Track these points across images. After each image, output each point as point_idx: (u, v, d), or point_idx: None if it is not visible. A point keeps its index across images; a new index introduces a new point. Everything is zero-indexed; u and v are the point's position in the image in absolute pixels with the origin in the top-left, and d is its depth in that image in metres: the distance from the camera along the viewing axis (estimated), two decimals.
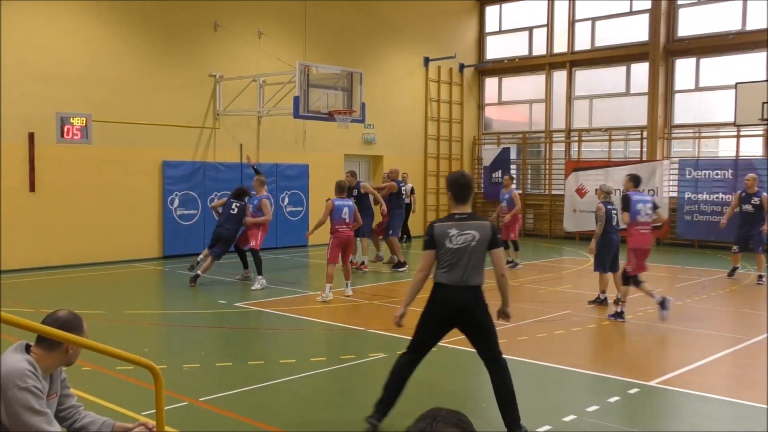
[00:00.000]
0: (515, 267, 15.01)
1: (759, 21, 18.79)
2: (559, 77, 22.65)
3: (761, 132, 18.84)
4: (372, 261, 15.28)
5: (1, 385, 3.43)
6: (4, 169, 13.93)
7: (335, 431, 5.74)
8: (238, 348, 8.65)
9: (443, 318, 5.55)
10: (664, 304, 9.64)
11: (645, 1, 20.51)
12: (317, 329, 9.61)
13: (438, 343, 5.76)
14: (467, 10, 23.83)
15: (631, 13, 21.15)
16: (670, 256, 18.19)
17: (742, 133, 19.06)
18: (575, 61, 22.22)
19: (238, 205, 12.97)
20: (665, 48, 20.15)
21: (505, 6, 23.84)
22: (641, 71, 20.70)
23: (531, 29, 23.24)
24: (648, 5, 20.40)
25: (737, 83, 17.68)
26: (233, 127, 17.62)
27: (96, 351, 3.60)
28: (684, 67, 20.31)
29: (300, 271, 15.31)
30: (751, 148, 19.51)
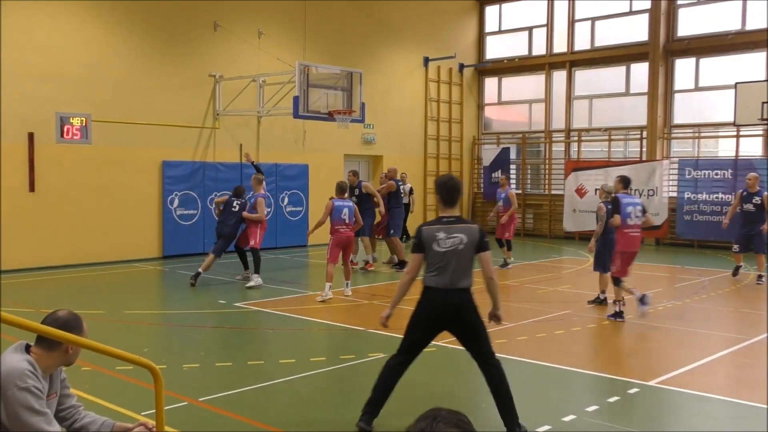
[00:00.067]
0: (506, 267, 15.02)
1: (759, 21, 18.79)
2: (559, 77, 22.65)
3: (761, 132, 18.84)
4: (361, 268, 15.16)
5: (1, 385, 3.43)
6: (3, 169, 13.93)
7: (335, 431, 5.74)
8: (237, 348, 8.65)
9: (432, 321, 5.56)
10: (643, 299, 9.75)
11: (645, 1, 20.52)
12: (317, 329, 9.61)
13: (437, 344, 5.77)
14: (467, 10, 23.83)
15: (631, 13, 21.16)
16: (669, 256, 18.20)
17: (741, 133, 19.06)
18: (575, 61, 22.22)
19: (239, 203, 13.07)
20: (665, 48, 20.15)
21: (505, 6, 23.84)
22: (641, 71, 20.70)
23: (531, 29, 23.24)
24: (648, 5, 20.40)
25: (737, 83, 17.68)
26: (233, 127, 17.62)
27: (96, 351, 3.60)
28: (684, 67, 20.32)
29: (300, 271, 15.31)
30: (751, 148, 19.51)
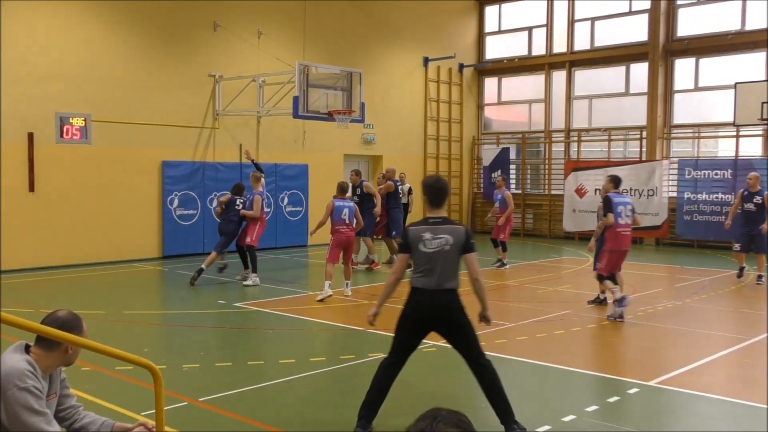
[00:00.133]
0: (504, 267, 15.02)
1: (758, 21, 18.80)
2: (559, 77, 22.65)
3: (760, 132, 18.85)
4: (361, 263, 15.19)
5: (1, 385, 3.43)
6: (3, 169, 13.92)
7: (335, 431, 5.74)
8: (237, 348, 8.65)
9: (420, 322, 5.56)
10: (622, 301, 9.88)
11: (644, 1, 20.52)
12: (317, 329, 9.61)
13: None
14: (467, 10, 23.83)
15: (631, 13, 21.16)
16: (669, 256, 18.20)
17: (741, 133, 19.07)
18: (575, 61, 22.22)
19: (242, 201, 13.22)
20: (664, 48, 20.15)
21: (505, 6, 23.85)
22: (640, 71, 20.70)
23: (530, 29, 23.24)
24: (647, 5, 20.40)
25: (736, 83, 17.68)
26: (233, 127, 17.62)
27: (95, 351, 3.60)
28: (683, 67, 20.32)
29: (299, 271, 15.30)
30: (751, 148, 19.52)
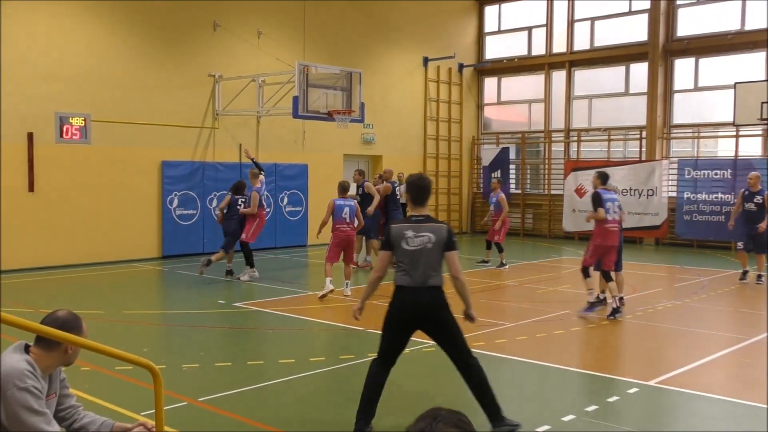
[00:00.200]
0: (503, 267, 15.05)
1: (758, 21, 18.80)
2: (558, 77, 22.65)
3: (760, 132, 18.85)
4: (361, 265, 15.16)
5: (1, 385, 3.42)
6: (3, 169, 13.92)
7: (335, 431, 5.74)
8: (237, 348, 8.65)
9: (404, 320, 5.56)
10: (592, 306, 10.12)
11: (644, 1, 20.52)
12: (316, 329, 9.61)
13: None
14: (466, 10, 23.83)
15: (630, 13, 21.16)
16: (669, 255, 18.21)
17: (741, 133, 19.07)
18: (574, 61, 22.22)
19: (243, 201, 13.41)
20: (664, 48, 20.15)
21: (505, 6, 23.84)
22: (640, 71, 20.71)
23: (530, 29, 23.24)
24: (647, 5, 20.40)
25: (736, 83, 17.68)
26: (232, 127, 17.61)
27: (95, 351, 3.60)
28: (683, 67, 20.32)
29: (299, 271, 15.30)
30: (750, 148, 19.52)
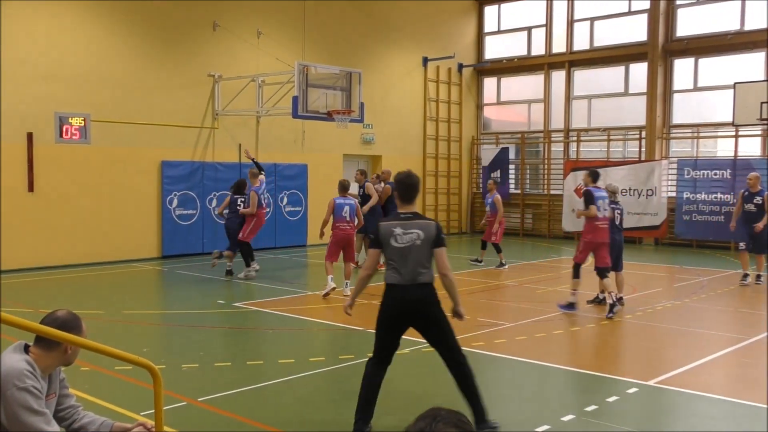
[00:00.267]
0: (502, 266, 15.05)
1: (758, 21, 18.80)
2: (558, 77, 22.65)
3: (759, 132, 18.85)
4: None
5: (0, 385, 3.42)
6: (3, 169, 13.91)
7: (334, 431, 5.74)
8: (236, 348, 8.65)
9: (395, 318, 5.56)
10: (571, 306, 10.33)
11: (644, 1, 20.52)
12: (316, 329, 9.61)
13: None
14: (466, 10, 23.83)
15: (630, 13, 21.16)
16: (668, 255, 18.21)
17: (740, 133, 19.07)
18: (574, 61, 22.22)
19: (243, 200, 13.57)
20: (664, 48, 20.16)
21: (504, 6, 23.84)
22: (640, 71, 20.71)
23: (530, 29, 23.24)
24: (647, 5, 20.40)
25: (736, 83, 17.67)
26: (232, 127, 17.61)
27: (95, 351, 3.60)
28: (682, 67, 20.32)
29: (299, 271, 15.30)
30: (750, 148, 19.53)
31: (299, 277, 14.30)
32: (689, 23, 20.19)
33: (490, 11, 24.17)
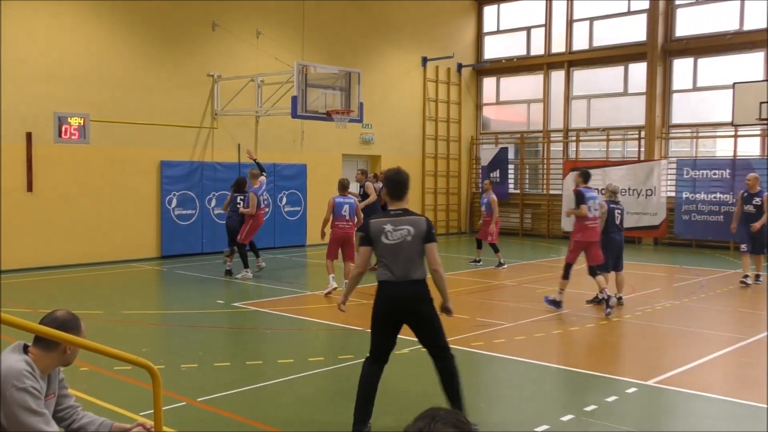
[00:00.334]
0: (501, 266, 15.04)
1: (757, 21, 18.81)
2: (557, 77, 22.66)
3: (758, 132, 18.86)
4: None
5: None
6: (2, 169, 13.90)
7: (334, 431, 5.74)
8: (236, 348, 8.65)
9: (389, 314, 5.55)
10: (557, 303, 10.46)
11: (643, 1, 20.53)
12: (315, 329, 9.61)
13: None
14: (465, 10, 23.83)
15: (629, 13, 21.16)
16: (668, 255, 18.21)
17: (739, 133, 19.08)
18: (573, 61, 22.23)
19: (242, 198, 13.65)
20: (663, 48, 20.16)
21: (503, 6, 23.85)
22: (639, 71, 20.71)
23: (529, 29, 23.25)
24: (646, 5, 20.41)
25: (735, 83, 17.69)
26: (231, 127, 17.60)
27: (94, 351, 3.60)
28: (682, 67, 20.33)
29: (298, 271, 15.30)
30: (749, 148, 19.53)
31: (298, 277, 14.30)
32: (688, 23, 20.20)
33: (489, 11, 24.17)
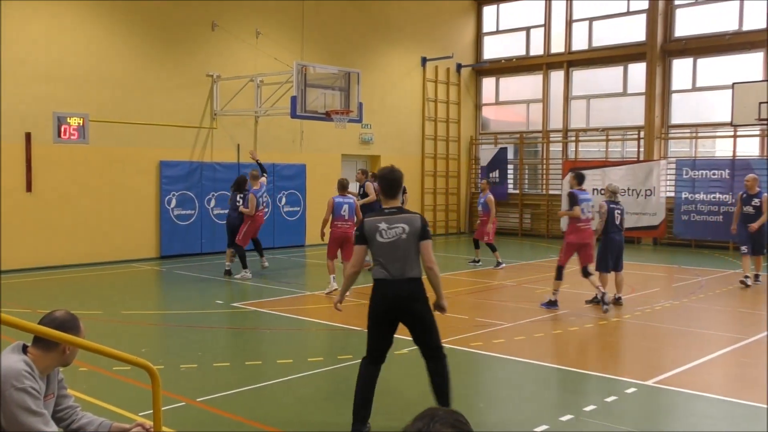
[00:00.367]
0: (499, 266, 15.04)
1: (756, 21, 18.82)
2: (557, 77, 22.66)
3: (758, 132, 18.87)
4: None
5: None
6: (1, 170, 13.89)
7: (333, 431, 5.74)
8: (235, 348, 8.65)
9: (385, 313, 5.55)
10: (552, 303, 10.60)
11: (642, 1, 20.54)
12: (315, 329, 9.61)
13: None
14: (464, 10, 23.83)
15: (629, 14, 21.16)
16: (667, 255, 18.22)
17: (738, 133, 19.09)
18: (572, 61, 22.23)
19: (242, 197, 13.70)
20: (662, 48, 20.17)
21: (503, 6, 23.85)
22: (638, 71, 20.72)
23: (528, 29, 23.25)
24: (645, 5, 20.42)
25: (734, 83, 17.70)
26: (230, 127, 17.60)
27: (93, 351, 3.60)
28: (681, 67, 20.33)
29: (297, 271, 15.30)
30: (748, 148, 19.54)
31: (298, 277, 14.30)
32: (688, 23, 20.20)
33: (488, 11, 24.18)
